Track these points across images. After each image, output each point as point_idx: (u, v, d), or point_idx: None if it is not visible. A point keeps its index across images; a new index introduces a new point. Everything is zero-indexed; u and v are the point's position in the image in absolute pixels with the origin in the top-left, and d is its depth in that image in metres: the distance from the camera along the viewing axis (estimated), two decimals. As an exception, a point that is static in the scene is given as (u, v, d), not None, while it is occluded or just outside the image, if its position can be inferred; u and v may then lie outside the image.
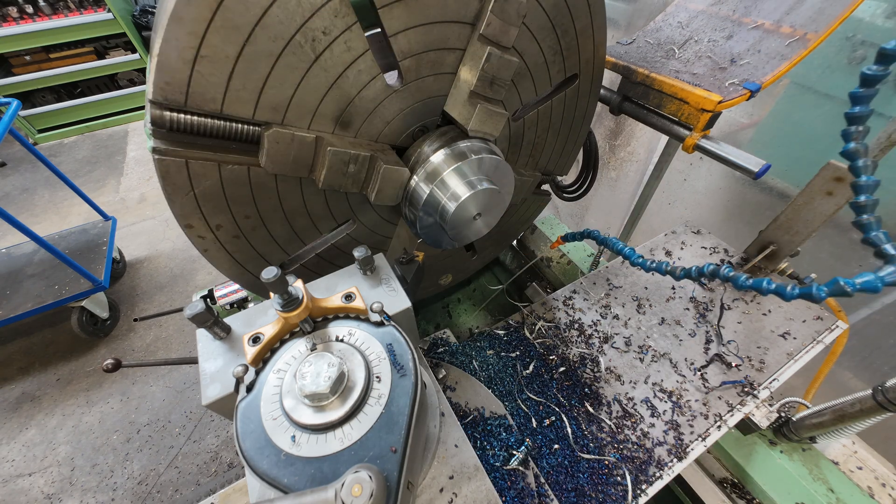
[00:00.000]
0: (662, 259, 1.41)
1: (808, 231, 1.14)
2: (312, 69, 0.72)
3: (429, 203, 0.91)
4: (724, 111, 1.05)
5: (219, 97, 0.66)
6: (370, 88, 0.79)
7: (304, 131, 0.77)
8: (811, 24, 1.05)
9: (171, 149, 0.68)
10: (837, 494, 0.98)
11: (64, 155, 5.26)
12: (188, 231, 0.80)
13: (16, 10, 4.45)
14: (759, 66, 1.07)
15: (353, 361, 0.57)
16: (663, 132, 1.19)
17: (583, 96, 1.16)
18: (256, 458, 0.50)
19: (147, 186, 4.77)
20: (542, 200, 1.53)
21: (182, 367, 3.12)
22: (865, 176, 0.67)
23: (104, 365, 1.06)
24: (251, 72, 0.67)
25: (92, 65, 5.12)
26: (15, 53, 4.68)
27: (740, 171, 1.02)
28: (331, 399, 0.52)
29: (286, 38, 0.66)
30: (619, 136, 2.56)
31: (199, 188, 0.75)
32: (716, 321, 1.22)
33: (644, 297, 1.31)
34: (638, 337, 1.21)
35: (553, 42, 0.96)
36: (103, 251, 3.19)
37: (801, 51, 1.02)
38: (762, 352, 1.14)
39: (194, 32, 0.59)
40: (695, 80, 1.09)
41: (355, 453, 0.50)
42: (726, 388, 1.08)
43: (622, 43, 1.32)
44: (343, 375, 0.53)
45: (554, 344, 1.23)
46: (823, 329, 1.17)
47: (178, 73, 0.61)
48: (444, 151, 0.91)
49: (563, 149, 1.30)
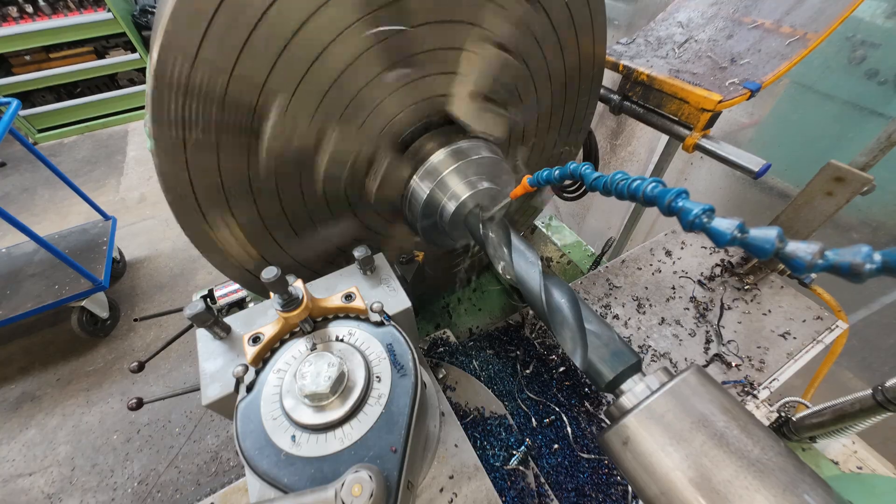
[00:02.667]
0: (663, 260, 1.41)
1: (808, 231, 1.14)
2: (316, 63, 0.72)
3: (429, 203, 0.91)
4: (724, 111, 1.05)
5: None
6: (374, 85, 0.79)
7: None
8: (811, 23, 1.05)
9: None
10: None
11: (64, 155, 5.26)
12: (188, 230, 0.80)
13: (16, 9, 4.45)
14: (759, 65, 1.07)
15: (353, 361, 0.57)
16: (663, 132, 1.19)
17: (583, 96, 1.16)
18: (257, 458, 0.50)
19: (147, 186, 4.77)
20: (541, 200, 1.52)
21: (182, 368, 3.13)
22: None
23: (129, 403, 1.09)
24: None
25: (92, 64, 5.11)
26: (15, 53, 4.68)
27: (741, 171, 1.01)
28: (331, 399, 0.52)
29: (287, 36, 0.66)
30: (619, 135, 2.57)
31: (199, 185, 0.75)
32: (716, 321, 1.22)
33: (644, 297, 1.31)
34: (638, 337, 1.21)
35: (553, 42, 0.96)
36: (103, 251, 3.19)
37: (801, 50, 1.02)
38: (762, 352, 1.14)
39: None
40: (695, 79, 1.09)
41: (355, 453, 0.50)
42: (726, 388, 1.07)
43: (622, 43, 1.32)
44: (343, 375, 0.53)
45: (554, 343, 1.23)
46: (823, 329, 1.17)
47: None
48: (444, 150, 0.91)
49: (563, 150, 1.30)
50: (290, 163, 0.80)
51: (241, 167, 0.77)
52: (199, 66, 0.63)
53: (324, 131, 0.79)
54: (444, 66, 0.85)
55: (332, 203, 0.94)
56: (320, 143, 0.79)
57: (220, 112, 0.69)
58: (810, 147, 2.07)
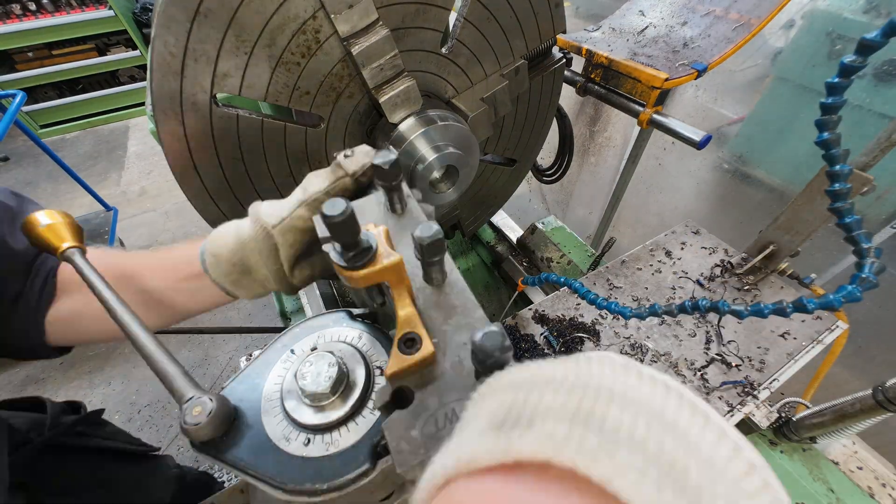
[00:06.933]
0: (663, 260, 1.41)
1: (808, 231, 1.14)
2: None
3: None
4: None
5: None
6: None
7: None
8: (755, 10, 1.17)
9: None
10: (837, 494, 0.98)
11: (66, 150, 5.27)
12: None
13: (19, 7, 4.45)
14: (707, 49, 1.20)
15: (352, 361, 0.57)
16: (622, 109, 1.31)
17: (546, 80, 1.20)
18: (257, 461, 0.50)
19: (147, 180, 4.80)
20: (513, 172, 1.50)
21: (182, 353, 3.16)
22: (840, 165, 0.70)
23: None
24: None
25: (93, 61, 5.12)
26: (18, 50, 4.68)
27: (685, 142, 1.13)
28: (331, 399, 0.52)
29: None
30: (597, 122, 2.65)
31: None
32: (716, 321, 1.22)
33: (644, 298, 1.31)
34: (638, 336, 1.21)
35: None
36: (105, 239, 3.25)
37: (745, 34, 1.14)
38: (762, 352, 1.14)
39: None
40: (649, 61, 1.21)
41: (357, 451, 0.50)
42: (726, 388, 1.08)
43: (588, 30, 1.44)
44: (343, 375, 0.54)
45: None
46: (823, 329, 1.17)
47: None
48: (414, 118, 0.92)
49: (533, 130, 1.34)
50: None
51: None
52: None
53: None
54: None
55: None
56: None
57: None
58: (793, 140, 2.11)
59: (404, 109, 0.91)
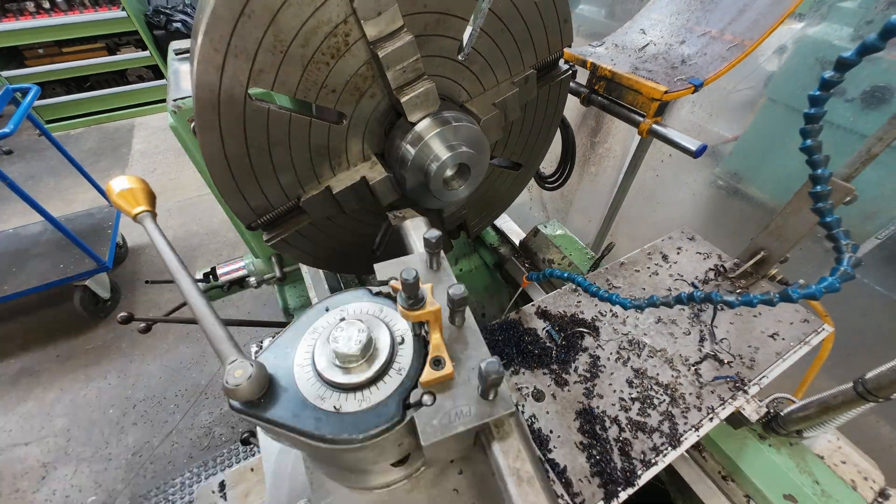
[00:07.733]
0: (659, 263, 1.48)
1: (797, 238, 1.21)
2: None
3: (415, 161, 0.98)
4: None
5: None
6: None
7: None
8: (748, 32, 1.27)
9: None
10: (823, 486, 1.03)
11: (71, 145, 5.31)
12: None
13: (33, 4, 4.53)
14: (704, 66, 1.29)
15: (377, 330, 0.62)
16: (623, 119, 1.39)
17: (553, 89, 1.28)
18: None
19: (151, 178, 4.83)
20: (518, 176, 1.57)
21: (180, 348, 3.16)
22: (821, 169, 0.77)
23: (118, 317, 1.19)
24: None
25: (103, 60, 5.20)
26: (29, 46, 4.75)
27: (682, 151, 1.21)
28: (360, 361, 0.57)
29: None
30: (598, 133, 2.75)
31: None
32: (709, 321, 1.28)
33: (641, 298, 1.36)
34: (636, 334, 1.27)
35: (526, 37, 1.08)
36: (108, 234, 3.26)
37: (738, 54, 1.24)
38: (752, 351, 1.20)
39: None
40: (650, 75, 1.31)
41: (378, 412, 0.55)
42: (718, 382, 1.13)
43: (593, 45, 1.55)
44: (371, 340, 0.59)
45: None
46: (810, 331, 1.23)
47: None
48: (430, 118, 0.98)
49: (538, 136, 1.43)
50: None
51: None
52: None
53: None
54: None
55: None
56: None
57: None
58: (787, 160, 2.21)
59: (422, 110, 0.97)
